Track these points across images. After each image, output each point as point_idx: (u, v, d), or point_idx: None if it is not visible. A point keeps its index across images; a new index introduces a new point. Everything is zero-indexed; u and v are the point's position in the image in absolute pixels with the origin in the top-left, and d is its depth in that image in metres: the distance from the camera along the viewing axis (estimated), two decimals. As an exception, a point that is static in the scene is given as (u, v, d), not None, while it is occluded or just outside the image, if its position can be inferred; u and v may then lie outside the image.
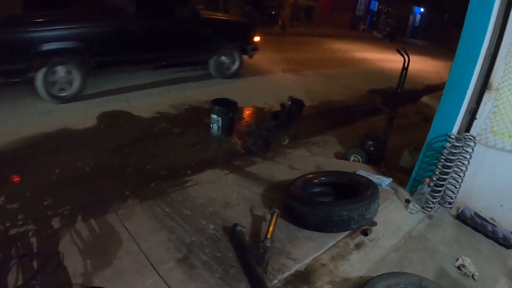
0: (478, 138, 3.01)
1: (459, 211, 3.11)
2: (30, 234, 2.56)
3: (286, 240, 2.61)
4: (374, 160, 4.16)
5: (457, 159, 2.98)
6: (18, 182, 3.35)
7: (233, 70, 7.69)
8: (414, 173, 3.38)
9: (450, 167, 2.99)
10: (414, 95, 7.57)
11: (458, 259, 2.58)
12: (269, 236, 2.43)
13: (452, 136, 2.94)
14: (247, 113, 5.88)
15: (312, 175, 3.31)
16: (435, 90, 8.02)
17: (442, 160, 2.99)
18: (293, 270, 2.33)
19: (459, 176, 3.09)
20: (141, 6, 5.90)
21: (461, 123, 3.09)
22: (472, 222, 3.01)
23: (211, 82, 7.27)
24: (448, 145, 2.93)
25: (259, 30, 8.35)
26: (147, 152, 4.12)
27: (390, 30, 23.30)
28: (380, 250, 2.63)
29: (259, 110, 6.00)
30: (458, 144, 2.91)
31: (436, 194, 3.12)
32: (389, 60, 12.30)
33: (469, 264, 2.53)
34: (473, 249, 2.79)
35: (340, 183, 3.20)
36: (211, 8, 13.17)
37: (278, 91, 6.79)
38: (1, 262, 2.25)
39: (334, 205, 2.89)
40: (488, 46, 2.83)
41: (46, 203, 2.99)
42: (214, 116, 4.58)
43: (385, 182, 3.49)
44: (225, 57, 7.44)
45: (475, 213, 3.08)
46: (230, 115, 4.62)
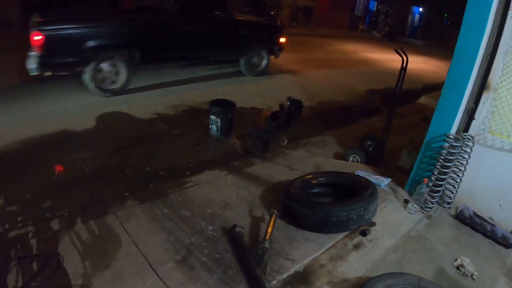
0: (476, 138, 3.01)
1: (458, 211, 3.11)
2: (29, 236, 2.56)
3: (284, 241, 2.61)
4: (373, 160, 4.16)
5: (455, 159, 2.98)
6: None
7: (261, 68, 8.24)
8: (412, 173, 3.38)
9: (448, 167, 2.99)
10: (413, 95, 7.57)
11: (457, 259, 2.58)
12: (267, 237, 2.43)
13: (450, 136, 2.94)
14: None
15: (311, 176, 3.31)
16: (434, 89, 8.03)
17: (441, 160, 3.00)
18: (291, 271, 2.34)
19: (458, 176, 3.09)
20: (182, 8, 6.50)
21: (459, 123, 3.09)
22: (471, 222, 3.01)
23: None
24: (446, 145, 2.94)
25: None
26: (146, 153, 4.13)
27: (389, 30, 23.32)
28: (379, 250, 2.63)
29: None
30: (456, 144, 2.91)
31: (434, 194, 3.13)
32: (388, 60, 12.31)
33: (468, 264, 2.53)
34: (472, 249, 2.79)
35: (339, 184, 3.20)
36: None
37: (278, 92, 6.82)
38: (0, 264, 2.26)
39: (332, 205, 2.89)
40: (486, 46, 2.83)
41: (45, 205, 3.00)
42: (213, 117, 4.59)
43: (384, 182, 3.49)
44: (254, 56, 7.97)
45: (474, 212, 3.08)
46: (229, 116, 4.63)
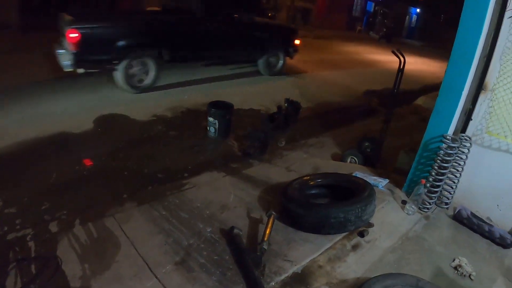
0: (474, 139, 3.03)
1: (456, 211, 3.12)
2: (28, 239, 2.55)
3: (283, 242, 2.61)
4: (371, 161, 4.17)
5: (453, 160, 2.99)
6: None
7: (277, 69, 8.67)
8: (410, 174, 3.39)
9: (446, 168, 3.01)
10: (410, 96, 7.60)
11: (455, 260, 2.59)
12: (266, 238, 2.44)
13: (448, 137, 2.95)
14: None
15: (308, 177, 3.31)
16: (432, 90, 8.05)
17: (438, 161, 3.01)
18: (290, 272, 2.34)
19: (455, 176, 3.10)
20: (208, 11, 6.90)
21: (456, 124, 3.10)
22: (468, 222, 3.02)
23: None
24: (444, 146, 2.95)
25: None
26: (145, 155, 4.13)
27: (386, 31, 23.43)
28: (377, 251, 2.63)
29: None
30: (454, 145, 2.92)
31: (432, 195, 3.13)
32: (385, 61, 12.35)
33: (465, 264, 2.54)
34: (470, 249, 2.79)
35: (336, 185, 3.21)
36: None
37: (273, 93, 6.85)
38: (-1, 266, 2.25)
39: (330, 207, 2.89)
40: (483, 47, 2.85)
41: (43, 207, 2.99)
42: (210, 118, 4.59)
43: (381, 183, 3.50)
44: (272, 57, 8.43)
45: (472, 213, 3.09)
46: (227, 118, 4.64)
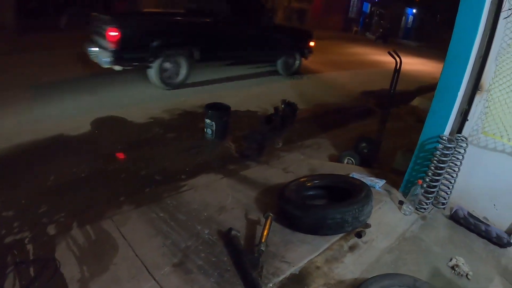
0: (470, 139, 3.05)
1: (452, 211, 3.13)
2: (26, 241, 2.55)
3: (280, 243, 2.62)
4: (367, 162, 4.18)
5: (449, 160, 3.01)
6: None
7: (294, 69, 9.17)
8: (407, 174, 3.40)
9: (442, 168, 3.02)
10: (407, 96, 7.62)
11: (451, 259, 2.61)
12: (263, 240, 2.44)
13: (444, 137, 2.97)
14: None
15: (306, 178, 3.32)
16: (428, 90, 8.07)
17: (435, 161, 3.03)
18: (287, 273, 2.35)
19: (452, 176, 3.12)
20: (234, 13, 7.46)
21: (453, 124, 3.12)
22: (465, 222, 3.04)
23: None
24: (440, 146, 2.97)
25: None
26: (142, 157, 4.12)
27: (383, 32, 23.49)
28: (374, 252, 2.65)
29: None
30: (450, 145, 2.94)
31: (429, 195, 3.15)
32: (382, 61, 12.38)
33: (462, 264, 2.55)
34: (466, 249, 2.81)
35: (333, 186, 3.22)
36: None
37: (270, 95, 6.86)
38: (-3, 269, 2.25)
39: (327, 208, 2.89)
40: (478, 47, 2.87)
41: (41, 210, 2.98)
42: (207, 120, 4.59)
43: (378, 184, 3.51)
44: (290, 58, 8.93)
45: (468, 213, 3.11)
46: (224, 120, 4.64)
